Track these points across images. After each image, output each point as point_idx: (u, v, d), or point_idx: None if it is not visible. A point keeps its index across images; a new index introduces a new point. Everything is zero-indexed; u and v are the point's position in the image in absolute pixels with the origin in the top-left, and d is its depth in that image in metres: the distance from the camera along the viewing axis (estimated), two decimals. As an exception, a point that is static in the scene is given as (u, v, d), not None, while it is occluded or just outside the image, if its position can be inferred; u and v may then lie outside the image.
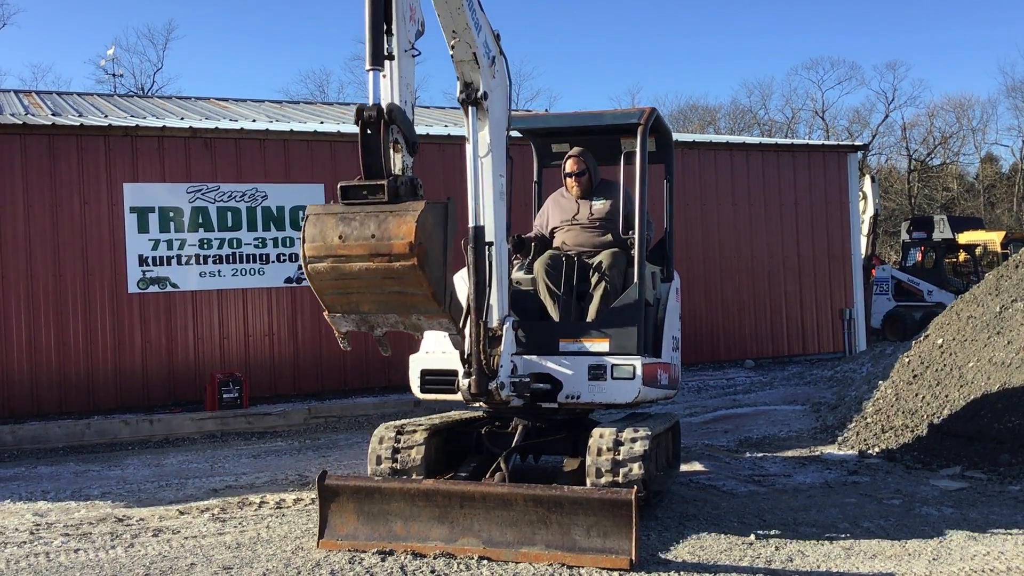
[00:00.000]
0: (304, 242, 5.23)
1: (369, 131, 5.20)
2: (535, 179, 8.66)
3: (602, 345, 6.87)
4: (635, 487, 5.78)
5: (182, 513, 7.33)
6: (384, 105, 5.23)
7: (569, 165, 7.74)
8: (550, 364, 6.84)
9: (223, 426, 11.60)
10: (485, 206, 6.52)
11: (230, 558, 6.05)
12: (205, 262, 12.54)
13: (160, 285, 12.32)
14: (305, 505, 7.48)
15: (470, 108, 6.53)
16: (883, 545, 5.98)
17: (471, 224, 6.40)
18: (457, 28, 6.22)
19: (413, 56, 5.74)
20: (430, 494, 5.97)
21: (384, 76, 5.44)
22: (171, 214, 12.40)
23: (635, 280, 7.09)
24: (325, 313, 5.50)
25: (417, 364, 7.12)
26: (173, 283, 12.38)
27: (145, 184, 12.31)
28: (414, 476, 6.71)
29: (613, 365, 6.79)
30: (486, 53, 6.43)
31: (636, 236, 7.22)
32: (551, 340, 6.97)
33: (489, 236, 6.45)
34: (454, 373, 6.67)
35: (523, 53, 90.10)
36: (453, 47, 6.32)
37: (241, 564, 5.91)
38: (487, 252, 6.39)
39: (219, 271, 12.61)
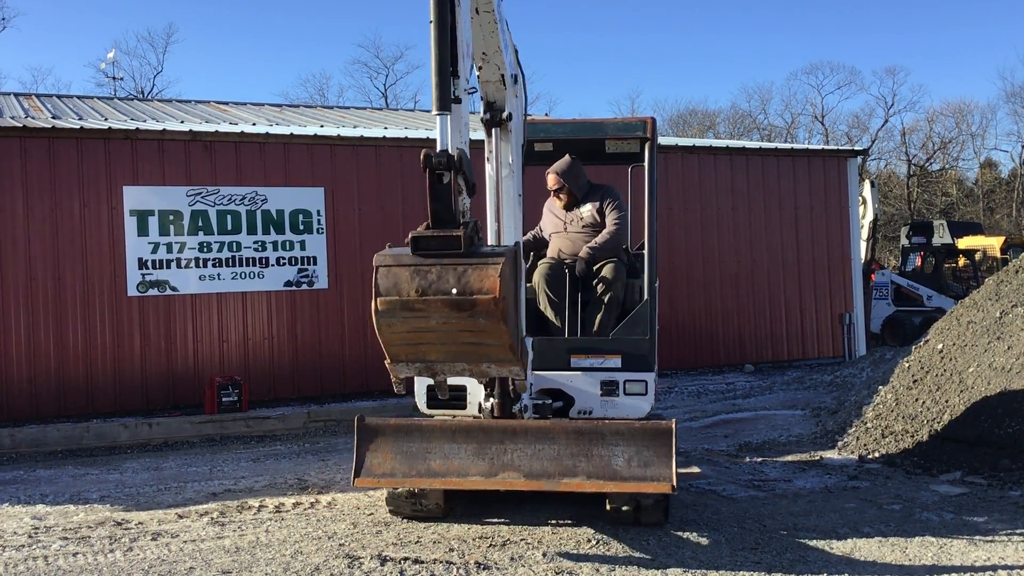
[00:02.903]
0: (377, 296, 5.03)
1: (438, 178, 5.01)
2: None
3: (614, 361, 6.90)
4: (674, 419, 5.91)
5: (181, 517, 7.31)
6: (455, 152, 5.05)
7: (550, 182, 7.66)
8: (562, 380, 6.86)
9: (222, 430, 11.59)
10: (506, 224, 6.51)
11: (229, 562, 6.04)
12: (205, 265, 12.53)
13: (159, 288, 12.30)
14: (304, 509, 7.47)
15: (494, 129, 6.52)
16: (883, 551, 5.98)
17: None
18: (488, 50, 6.19)
19: (470, 94, 5.60)
20: (470, 430, 5.96)
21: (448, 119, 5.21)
22: (171, 217, 12.39)
23: (645, 296, 7.12)
24: (387, 362, 5.35)
25: (423, 380, 7.02)
26: (172, 286, 12.37)
27: (145, 187, 12.30)
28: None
29: (626, 381, 6.84)
30: (511, 73, 6.44)
31: (646, 251, 7.25)
32: (562, 355, 6.96)
33: None
34: (461, 389, 6.73)
35: (523, 57, 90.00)
36: (480, 68, 6.29)
37: (240, 568, 5.90)
38: None
39: (219, 274, 12.60)
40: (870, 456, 8.80)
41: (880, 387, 10.17)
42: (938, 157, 55.00)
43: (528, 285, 7.44)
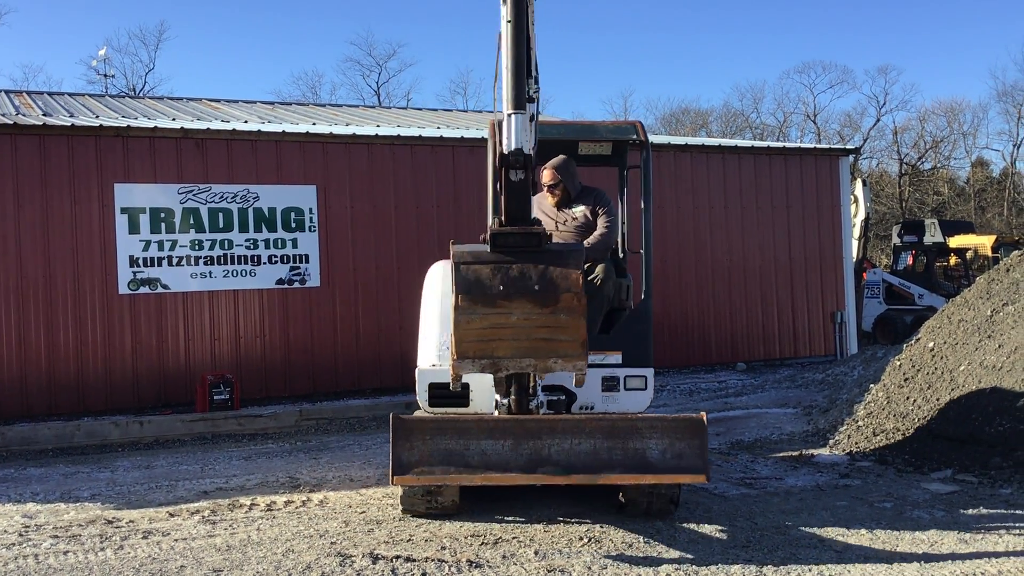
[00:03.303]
0: (459, 293, 5.05)
1: (514, 176, 5.07)
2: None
3: (615, 357, 6.97)
4: (704, 412, 6.04)
5: (172, 515, 7.29)
6: (531, 152, 5.07)
7: (545, 177, 7.63)
8: (565, 376, 6.80)
9: (214, 428, 11.57)
10: None
11: (220, 560, 6.03)
12: (196, 263, 12.51)
13: (151, 286, 12.28)
14: (296, 507, 7.46)
15: None
16: (875, 548, 5.99)
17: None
18: (512, 56, 6.10)
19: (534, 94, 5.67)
20: (507, 426, 5.96)
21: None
22: (162, 215, 12.36)
23: (643, 294, 7.22)
24: (453, 359, 5.41)
25: (425, 378, 7.09)
26: (164, 284, 12.34)
27: (136, 185, 12.27)
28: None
29: (626, 377, 6.96)
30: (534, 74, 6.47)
31: (643, 251, 7.35)
32: None
33: None
34: (464, 386, 6.79)
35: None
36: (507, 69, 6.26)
37: (231, 567, 5.89)
38: None
39: (210, 272, 12.57)
40: (861, 454, 8.82)
41: (871, 385, 10.19)
42: (930, 156, 55.15)
43: None
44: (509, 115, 5.13)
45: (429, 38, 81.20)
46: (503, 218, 5.11)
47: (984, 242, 25.26)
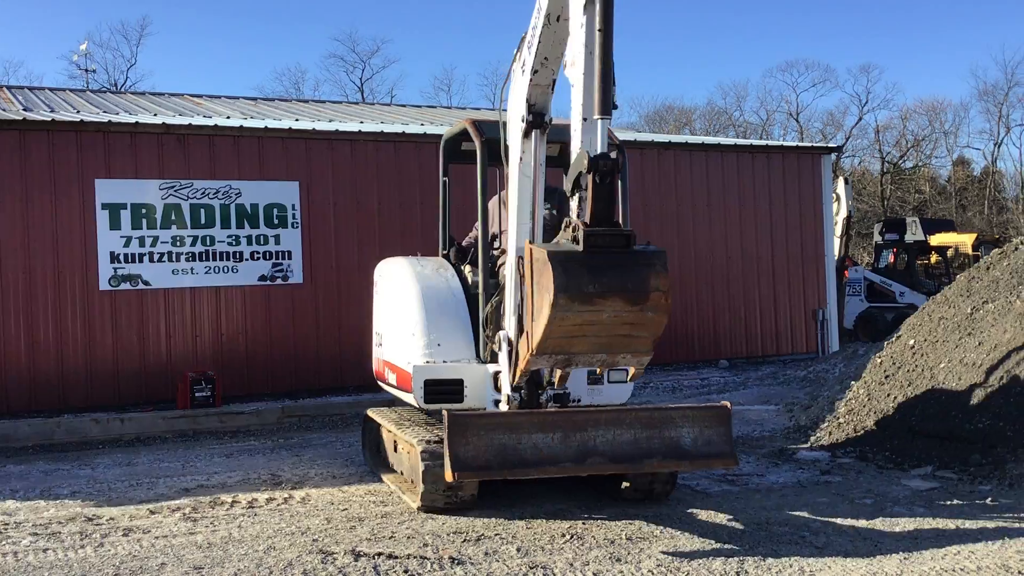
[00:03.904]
0: (558, 292, 5.15)
1: (602, 179, 5.23)
2: (442, 176, 8.79)
3: None
4: (728, 402, 6.47)
5: (153, 512, 7.26)
6: (615, 156, 5.27)
7: None
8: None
9: (195, 425, 11.51)
10: (536, 223, 6.77)
11: (201, 558, 6.00)
12: (178, 260, 12.44)
13: (132, 283, 12.20)
14: (278, 504, 7.44)
15: (535, 131, 6.63)
16: (855, 545, 6.02)
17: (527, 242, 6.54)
18: (551, 56, 6.35)
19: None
20: (557, 420, 6.17)
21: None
22: (143, 211, 12.28)
23: None
24: (528, 355, 5.54)
25: (421, 374, 7.21)
26: (145, 281, 12.27)
27: (117, 180, 12.19)
28: None
29: (609, 370, 7.12)
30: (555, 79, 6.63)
31: None
32: None
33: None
34: (459, 383, 7.08)
35: (501, 52, 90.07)
36: (537, 71, 6.43)
37: (212, 564, 5.87)
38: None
39: (192, 269, 12.51)
40: (843, 451, 8.86)
41: (852, 382, 10.24)
42: (911, 155, 55.46)
43: (493, 281, 7.60)
44: (596, 120, 5.33)
45: (413, 35, 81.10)
46: (588, 220, 5.26)
47: (965, 240, 25.41)
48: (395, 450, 8.04)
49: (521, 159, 6.69)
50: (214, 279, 12.63)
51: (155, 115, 14.82)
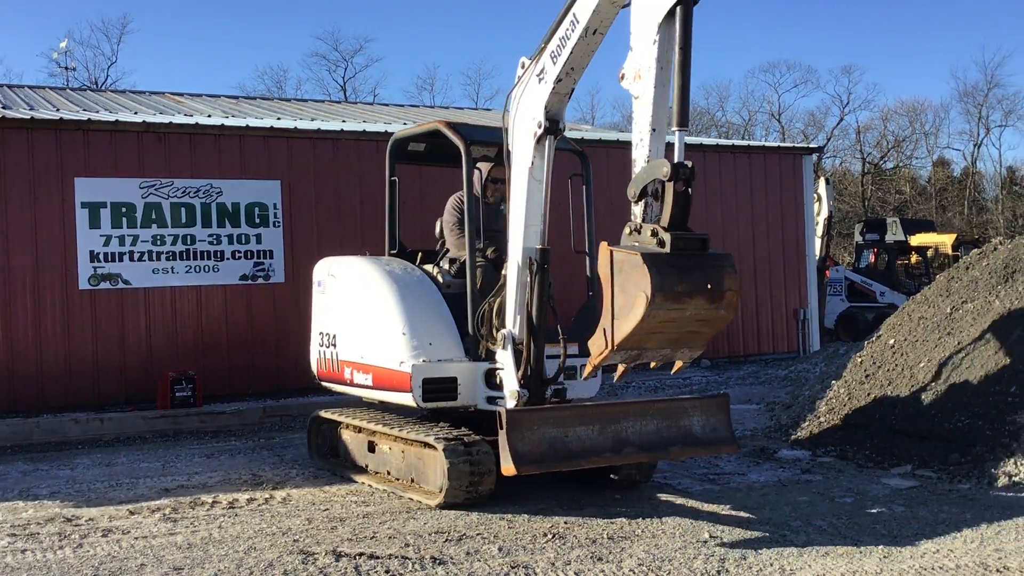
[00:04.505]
0: (654, 290, 5.39)
1: (682, 186, 5.60)
2: (390, 176, 8.92)
3: (573, 348, 7.34)
4: (726, 392, 7.03)
5: (132, 513, 7.21)
6: (691, 164, 5.59)
7: (496, 173, 7.91)
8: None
9: (176, 425, 11.44)
10: (545, 226, 7.03)
11: (181, 559, 5.97)
12: (158, 259, 12.36)
13: (112, 282, 12.12)
14: (259, 505, 7.40)
15: (548, 137, 6.87)
16: (835, 543, 6.04)
17: (537, 246, 6.98)
18: (576, 66, 6.62)
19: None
20: (594, 413, 6.60)
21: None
22: (123, 210, 12.20)
23: (589, 292, 7.68)
24: (607, 351, 5.72)
25: (420, 373, 7.32)
26: (125, 280, 12.19)
27: (97, 179, 12.10)
28: None
29: (581, 366, 7.24)
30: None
31: (588, 252, 7.79)
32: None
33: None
34: (454, 381, 7.35)
35: (484, 51, 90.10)
36: (560, 80, 6.65)
37: (192, 564, 5.83)
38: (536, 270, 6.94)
39: (172, 268, 12.43)
40: (823, 450, 8.90)
41: (833, 382, 10.29)
42: (892, 155, 55.85)
43: (460, 280, 7.84)
44: (674, 131, 5.66)
45: (396, 34, 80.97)
46: (667, 224, 5.57)
47: (945, 240, 25.62)
48: (371, 450, 8.04)
49: (533, 164, 6.88)
50: (195, 278, 12.57)
51: (135, 113, 14.73)
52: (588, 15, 6.29)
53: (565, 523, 6.61)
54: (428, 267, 8.37)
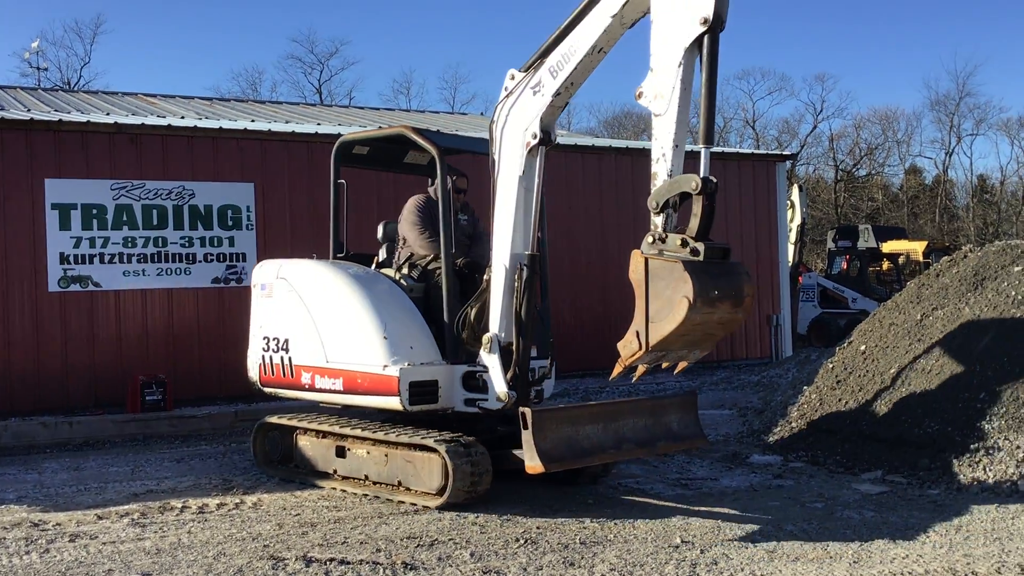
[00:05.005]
0: (696, 295, 5.72)
1: (709, 199, 5.95)
2: (335, 179, 8.93)
3: (533, 351, 7.64)
4: (695, 388, 7.46)
5: (100, 518, 7.14)
6: (715, 180, 5.97)
7: (462, 183, 8.28)
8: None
9: (146, 429, 11.32)
10: (535, 234, 7.29)
11: (149, 564, 5.91)
12: (129, 261, 12.25)
13: (82, 284, 12.00)
14: (229, 510, 7.35)
15: (541, 149, 7.11)
16: (805, 548, 6.07)
17: (527, 252, 7.22)
18: (577, 81, 6.92)
19: None
20: (598, 412, 7.03)
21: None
22: (94, 211, 12.09)
23: (540, 297, 7.80)
24: (641, 352, 5.99)
25: (407, 376, 7.37)
26: (95, 282, 12.08)
27: (68, 180, 11.99)
28: None
29: (538, 367, 7.79)
30: None
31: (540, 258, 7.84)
32: None
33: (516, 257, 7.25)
34: (435, 384, 7.45)
35: (460, 55, 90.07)
36: (559, 94, 6.95)
37: (160, 570, 5.78)
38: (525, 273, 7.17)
39: (143, 270, 12.32)
40: (795, 455, 8.94)
41: (805, 387, 10.34)
42: (865, 163, 56.28)
43: (422, 284, 8.07)
44: (701, 148, 6.04)
45: (372, 37, 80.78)
46: (695, 234, 5.88)
47: (916, 248, 25.82)
48: (340, 455, 7.95)
49: (524, 172, 7.09)
50: (166, 281, 12.47)
51: (107, 114, 14.62)
52: (597, 35, 6.59)
53: (537, 528, 6.60)
54: (388, 271, 8.32)
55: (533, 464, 6.47)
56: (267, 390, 8.73)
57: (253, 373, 8.85)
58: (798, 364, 14.01)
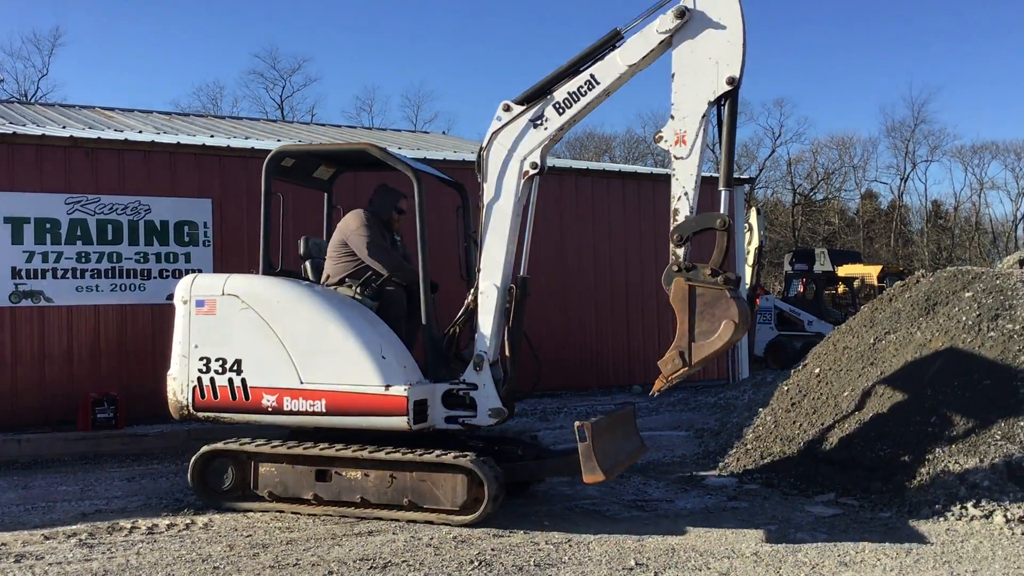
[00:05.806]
0: (741, 319, 6.68)
1: (728, 235, 6.99)
2: (266, 193, 8.86)
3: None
4: (632, 403, 8.28)
5: (47, 538, 7.00)
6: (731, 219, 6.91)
7: (405, 205, 8.43)
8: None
9: (96, 447, 11.14)
10: (523, 256, 7.75)
11: (95, 586, 5.80)
12: (82, 276, 12.08)
13: (33, 299, 11.81)
14: (179, 530, 7.24)
15: (535, 179, 7.60)
16: (758, 570, 6.10)
17: (520, 275, 7.68)
18: (579, 116, 7.53)
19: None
20: (610, 424, 7.65)
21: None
22: (47, 225, 11.92)
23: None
24: (684, 368, 6.81)
25: (412, 395, 7.40)
26: (47, 297, 11.89)
27: (21, 194, 11.81)
28: None
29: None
30: None
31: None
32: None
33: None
34: (426, 403, 7.57)
35: (423, 74, 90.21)
36: (562, 129, 7.51)
37: (107, 592, 5.67)
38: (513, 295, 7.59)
39: (97, 286, 12.16)
40: (750, 477, 8.99)
41: (760, 409, 10.42)
42: (822, 187, 57.02)
43: (387, 299, 8.10)
44: (721, 190, 7.13)
45: (335, 53, 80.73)
46: (718, 265, 6.87)
47: (871, 271, 26.18)
48: (321, 479, 7.60)
49: (518, 199, 7.51)
50: (120, 297, 12.30)
51: (63, 128, 14.43)
52: (611, 80, 7.26)
53: (492, 549, 6.57)
54: (344, 289, 8.14)
55: (594, 476, 6.95)
56: (202, 415, 8.05)
57: (183, 396, 8.08)
58: (754, 386, 14.11)
